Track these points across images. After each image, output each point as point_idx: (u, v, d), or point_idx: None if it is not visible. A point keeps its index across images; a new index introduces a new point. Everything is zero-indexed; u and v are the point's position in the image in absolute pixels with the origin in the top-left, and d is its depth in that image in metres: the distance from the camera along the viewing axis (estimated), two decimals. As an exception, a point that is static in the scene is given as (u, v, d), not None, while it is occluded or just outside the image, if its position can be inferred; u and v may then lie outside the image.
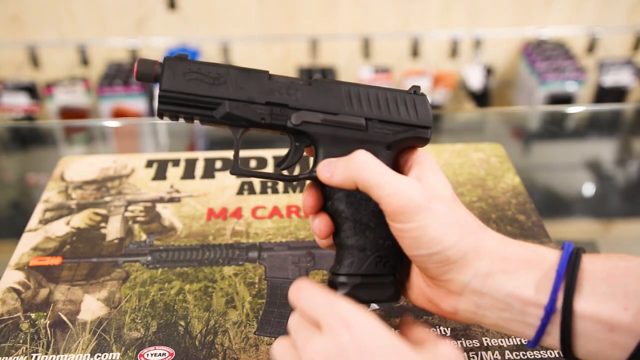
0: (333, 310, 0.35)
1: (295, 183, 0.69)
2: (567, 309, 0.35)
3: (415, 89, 0.45)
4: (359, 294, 0.42)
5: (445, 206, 0.39)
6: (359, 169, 0.39)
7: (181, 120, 0.43)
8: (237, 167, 0.43)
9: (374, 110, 0.43)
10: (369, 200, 0.42)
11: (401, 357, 0.34)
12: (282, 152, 0.74)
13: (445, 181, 0.41)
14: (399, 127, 0.43)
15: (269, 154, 0.74)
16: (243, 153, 0.74)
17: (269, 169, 0.71)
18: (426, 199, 0.38)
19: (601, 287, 0.35)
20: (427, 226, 0.37)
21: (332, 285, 0.43)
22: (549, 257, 0.37)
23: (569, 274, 0.36)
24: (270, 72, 0.44)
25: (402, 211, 0.38)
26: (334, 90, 0.44)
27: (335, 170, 0.41)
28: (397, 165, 0.45)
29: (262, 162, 0.73)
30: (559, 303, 0.36)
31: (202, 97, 0.42)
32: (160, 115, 0.43)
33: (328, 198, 0.43)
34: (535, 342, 0.37)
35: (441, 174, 0.42)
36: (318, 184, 0.44)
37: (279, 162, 0.45)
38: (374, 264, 0.42)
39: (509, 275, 0.37)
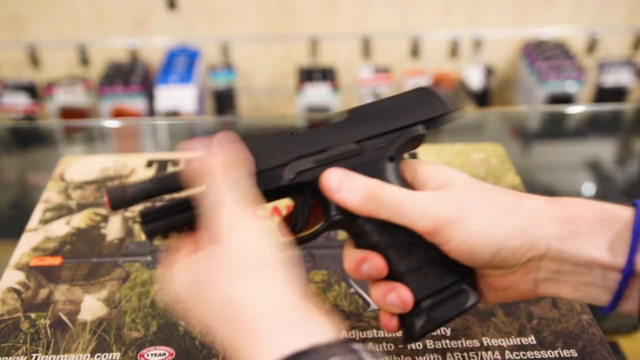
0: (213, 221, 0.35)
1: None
2: None
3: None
4: (437, 314, 0.39)
5: (476, 200, 0.37)
6: (376, 199, 0.37)
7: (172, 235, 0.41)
8: None
9: (361, 130, 0.42)
10: None
11: (266, 275, 0.33)
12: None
13: (448, 168, 0.40)
14: (392, 135, 0.42)
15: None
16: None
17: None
18: (454, 207, 0.36)
19: None
20: (470, 237, 0.36)
21: (408, 318, 0.40)
22: (621, 215, 0.35)
23: None
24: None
25: (437, 231, 0.36)
26: (313, 131, 0.42)
27: (352, 190, 0.38)
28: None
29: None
30: (639, 264, 0.34)
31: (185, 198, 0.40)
32: (150, 237, 0.40)
33: (360, 236, 0.41)
34: (613, 307, 0.36)
35: (440, 165, 0.40)
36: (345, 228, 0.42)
37: (292, 226, 0.42)
38: (437, 277, 0.39)
39: (583, 238, 0.35)
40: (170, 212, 0.40)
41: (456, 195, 0.37)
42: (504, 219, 0.36)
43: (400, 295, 0.38)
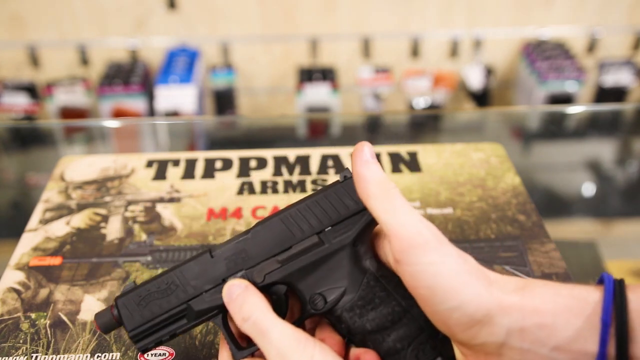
0: (268, 345, 0.37)
1: (294, 183, 0.69)
2: None
3: (345, 174, 0.43)
4: None
5: (455, 250, 0.35)
6: (388, 188, 0.37)
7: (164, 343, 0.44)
8: (237, 353, 0.42)
9: (319, 221, 0.42)
10: (372, 299, 0.40)
11: None
12: (283, 152, 0.74)
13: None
14: (350, 220, 0.42)
15: (269, 153, 0.74)
16: (244, 153, 0.74)
17: (269, 168, 0.71)
18: (439, 240, 0.35)
19: None
20: (439, 273, 0.34)
21: None
22: (589, 300, 0.34)
23: (617, 321, 0.32)
24: (210, 248, 0.43)
25: (412, 246, 0.35)
26: (273, 227, 0.43)
27: (377, 169, 0.39)
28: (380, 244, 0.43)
29: (262, 162, 0.73)
30: (612, 350, 0.32)
31: (167, 313, 0.42)
32: (145, 352, 0.43)
33: (336, 323, 0.41)
34: None
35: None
36: (324, 320, 0.43)
37: None
38: (413, 357, 0.39)
39: (548, 330, 0.33)
40: (158, 328, 0.42)
41: (442, 236, 0.36)
42: (476, 282, 0.35)
43: None
